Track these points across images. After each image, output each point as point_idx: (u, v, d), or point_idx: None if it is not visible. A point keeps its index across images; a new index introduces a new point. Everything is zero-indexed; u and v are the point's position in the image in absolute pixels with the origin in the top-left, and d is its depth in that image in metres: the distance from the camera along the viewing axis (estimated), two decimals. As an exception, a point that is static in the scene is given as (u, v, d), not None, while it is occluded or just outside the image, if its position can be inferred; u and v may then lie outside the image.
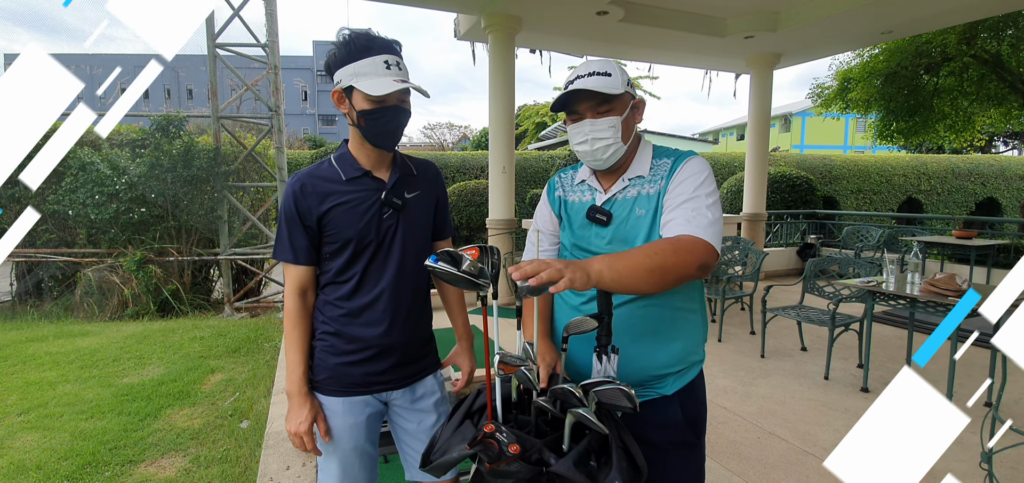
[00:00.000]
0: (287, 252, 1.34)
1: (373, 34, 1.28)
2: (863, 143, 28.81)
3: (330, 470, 1.39)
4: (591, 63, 1.25)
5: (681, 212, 1.17)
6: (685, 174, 1.22)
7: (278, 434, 2.91)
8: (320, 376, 1.39)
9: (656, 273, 1.06)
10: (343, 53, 1.26)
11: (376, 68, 1.24)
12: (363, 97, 1.26)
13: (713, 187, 1.21)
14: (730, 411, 3.24)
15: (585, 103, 1.24)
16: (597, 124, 1.23)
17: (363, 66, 1.24)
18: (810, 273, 4.33)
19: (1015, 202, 16.12)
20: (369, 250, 1.34)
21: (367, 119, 1.28)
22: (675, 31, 5.91)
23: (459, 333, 1.62)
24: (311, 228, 1.32)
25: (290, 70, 34.23)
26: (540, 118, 21.72)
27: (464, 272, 1.05)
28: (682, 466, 1.29)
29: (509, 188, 5.98)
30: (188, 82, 31.05)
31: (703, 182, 1.20)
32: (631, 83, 1.28)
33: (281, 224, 1.35)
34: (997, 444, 1.93)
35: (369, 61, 1.24)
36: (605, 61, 1.26)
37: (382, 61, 1.24)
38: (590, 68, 1.24)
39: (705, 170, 1.23)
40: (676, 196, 1.20)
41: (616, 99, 1.23)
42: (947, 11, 5.57)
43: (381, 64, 1.24)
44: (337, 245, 1.33)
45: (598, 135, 1.24)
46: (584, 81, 1.22)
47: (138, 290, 6.19)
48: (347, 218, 1.32)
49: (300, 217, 1.31)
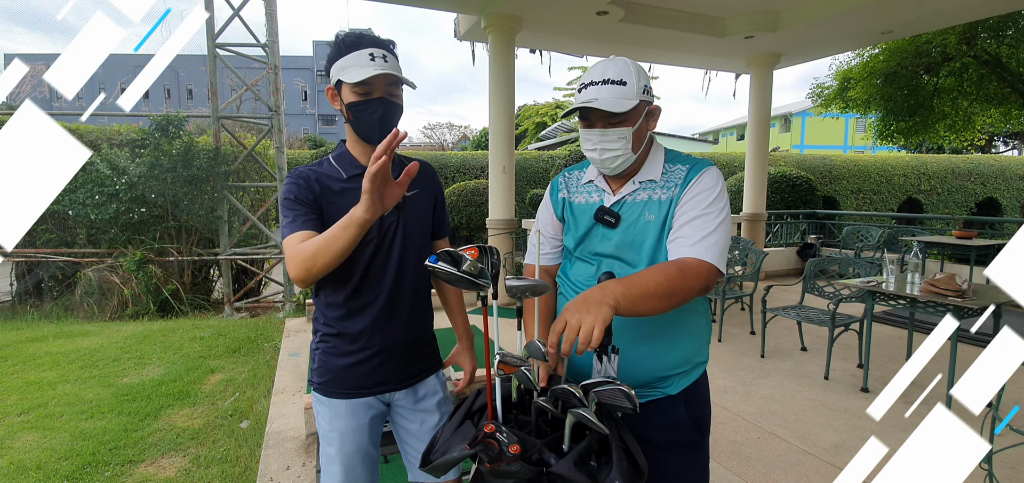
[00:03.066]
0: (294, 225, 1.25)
1: (365, 32, 1.29)
2: (863, 143, 28.80)
3: (333, 473, 1.38)
4: (607, 67, 1.21)
5: (690, 230, 1.17)
6: (699, 188, 1.21)
7: (278, 434, 2.91)
8: (323, 379, 1.38)
9: (665, 299, 1.07)
10: (334, 51, 1.28)
11: (360, 60, 1.25)
12: (349, 89, 1.27)
13: (725, 203, 1.21)
14: (730, 411, 3.24)
15: (596, 113, 1.22)
16: (607, 134, 1.22)
17: (349, 60, 1.26)
18: (810, 273, 4.33)
19: (1015, 202, 16.11)
20: (370, 249, 1.33)
21: (354, 111, 1.29)
22: (675, 31, 5.91)
23: (459, 332, 1.62)
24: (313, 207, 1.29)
25: (290, 70, 34.21)
26: (540, 118, 21.71)
27: (464, 272, 1.05)
28: (686, 466, 1.29)
29: (509, 188, 5.98)
30: (188, 82, 31.04)
31: (715, 199, 1.20)
32: (648, 89, 1.25)
33: (285, 208, 1.29)
34: (997, 444, 1.93)
35: (355, 55, 1.26)
36: (623, 66, 1.21)
37: (367, 54, 1.25)
38: (606, 74, 1.21)
39: (718, 184, 1.22)
40: (687, 210, 1.20)
41: (629, 111, 1.21)
42: (947, 11, 5.57)
43: (366, 56, 1.25)
44: None
45: (607, 145, 1.23)
46: (598, 90, 1.20)
47: (138, 290, 6.19)
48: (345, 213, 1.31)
49: (301, 197, 1.28)
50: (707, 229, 1.17)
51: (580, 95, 1.24)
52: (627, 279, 1.07)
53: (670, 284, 1.08)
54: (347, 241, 1.12)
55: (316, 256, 1.15)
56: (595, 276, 1.29)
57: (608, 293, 1.00)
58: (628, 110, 1.19)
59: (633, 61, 1.24)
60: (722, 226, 1.18)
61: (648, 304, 1.05)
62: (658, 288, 1.06)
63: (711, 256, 1.15)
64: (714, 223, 1.17)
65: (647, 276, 1.09)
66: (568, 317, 0.97)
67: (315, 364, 1.40)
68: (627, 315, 1.04)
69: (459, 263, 1.06)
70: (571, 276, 1.37)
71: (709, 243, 1.15)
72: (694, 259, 1.14)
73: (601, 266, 1.30)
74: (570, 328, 0.95)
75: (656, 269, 1.12)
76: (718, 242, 1.16)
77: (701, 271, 1.13)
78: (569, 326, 0.96)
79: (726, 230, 1.19)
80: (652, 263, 1.23)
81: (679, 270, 1.11)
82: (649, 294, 1.05)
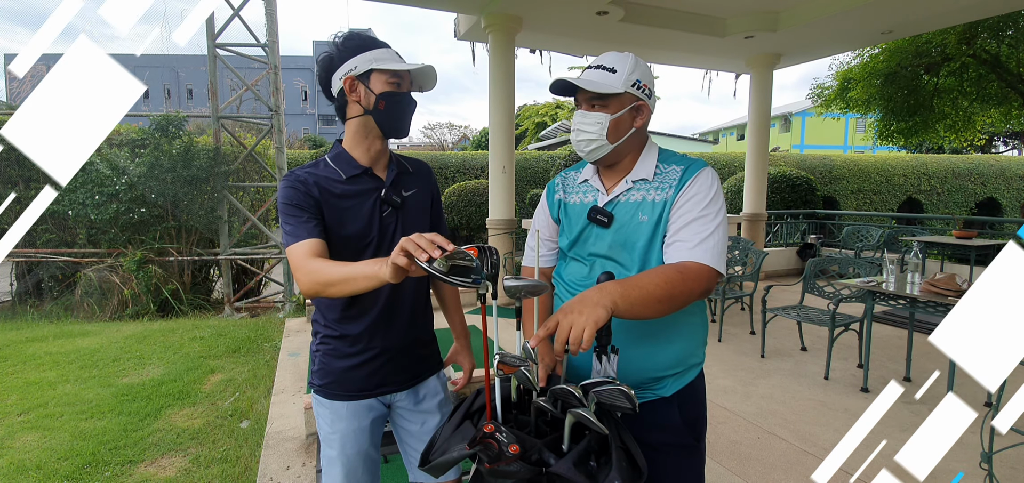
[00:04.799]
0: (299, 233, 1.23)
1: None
2: (863, 143, 28.80)
3: (334, 476, 1.38)
4: (606, 56, 1.26)
5: (688, 233, 1.17)
6: (694, 189, 1.20)
7: (278, 434, 2.91)
8: (324, 381, 1.37)
9: (664, 302, 1.08)
10: (357, 42, 1.30)
11: (392, 56, 1.32)
12: (384, 79, 1.30)
13: (721, 204, 1.21)
14: (730, 411, 3.24)
15: (582, 93, 1.26)
16: (586, 117, 1.25)
17: (381, 54, 1.30)
18: (810, 273, 4.33)
19: (1015, 202, 16.11)
20: (370, 249, 1.33)
21: (388, 101, 1.30)
22: (675, 31, 5.91)
23: (456, 331, 1.62)
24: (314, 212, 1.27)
25: (290, 70, 34.20)
26: (540, 118, 21.71)
27: (455, 265, 1.05)
28: (681, 469, 1.28)
29: (509, 188, 5.98)
30: (188, 82, 31.05)
31: (712, 200, 1.19)
32: (641, 86, 1.24)
33: (283, 217, 1.27)
34: (997, 444, 1.93)
35: (386, 50, 1.31)
36: (620, 57, 1.25)
37: (395, 52, 1.33)
38: (601, 61, 1.26)
39: (714, 185, 1.22)
40: (684, 213, 1.19)
41: (611, 97, 1.23)
42: (947, 11, 5.57)
43: (394, 54, 1.33)
44: (337, 243, 1.30)
45: (582, 127, 1.26)
46: (588, 73, 1.26)
47: (138, 290, 6.19)
48: (347, 216, 1.30)
49: (302, 203, 1.26)
50: (705, 232, 1.16)
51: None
52: (627, 281, 1.06)
53: (670, 287, 1.08)
54: (364, 288, 1.12)
55: (331, 284, 1.15)
56: (589, 276, 1.29)
57: (605, 294, 1.00)
58: (607, 93, 1.22)
59: (633, 56, 1.26)
60: (720, 228, 1.18)
61: (648, 307, 1.05)
62: (658, 291, 1.06)
63: (711, 259, 1.15)
64: (712, 225, 1.17)
65: (647, 278, 1.08)
66: (560, 317, 0.96)
67: (316, 366, 1.39)
68: (625, 318, 1.03)
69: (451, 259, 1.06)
70: (565, 277, 1.36)
71: (708, 246, 1.15)
72: (694, 263, 1.14)
73: (595, 266, 1.29)
74: (561, 328, 0.95)
75: (656, 272, 1.12)
76: (717, 244, 1.16)
77: (701, 274, 1.13)
78: (560, 326, 0.95)
79: (724, 231, 1.19)
80: (644, 264, 1.22)
81: (679, 274, 1.11)
82: (649, 297, 1.05)
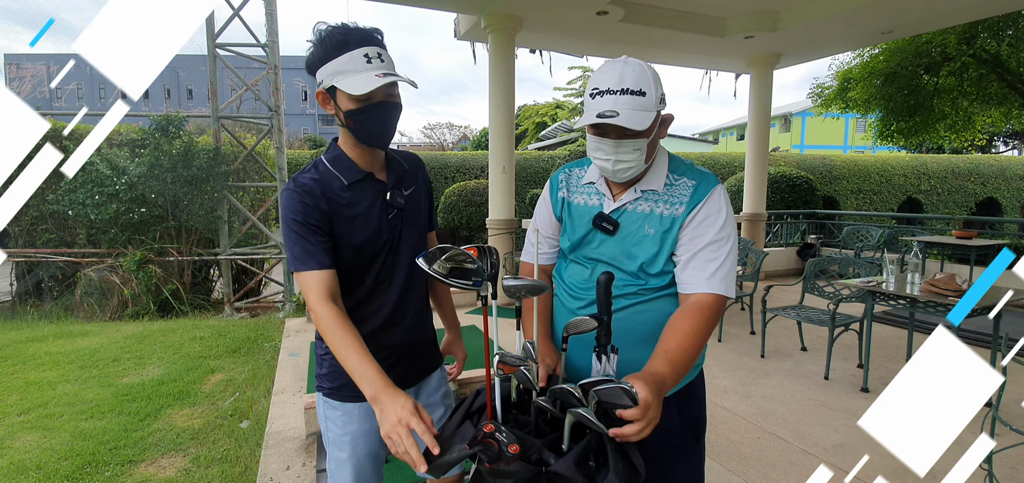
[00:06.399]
0: (309, 261, 1.19)
1: (350, 26, 1.18)
2: (863, 143, 28.81)
3: (343, 478, 1.36)
4: (624, 73, 1.11)
5: (702, 260, 1.18)
6: (707, 211, 1.20)
7: (278, 434, 2.91)
8: (335, 383, 1.35)
9: (699, 349, 1.13)
10: (320, 51, 1.17)
11: (356, 64, 1.15)
12: (347, 97, 1.17)
13: (732, 226, 1.22)
14: (730, 411, 3.23)
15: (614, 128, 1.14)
16: (622, 146, 1.15)
17: (343, 63, 1.15)
18: (810, 273, 4.33)
19: (1015, 202, 16.12)
20: (381, 255, 1.31)
21: (355, 119, 1.20)
22: (675, 31, 5.90)
23: (448, 323, 1.64)
24: (324, 229, 1.22)
25: (290, 70, 34.06)
26: (540, 118, 21.71)
27: (455, 268, 1.05)
28: (680, 468, 1.29)
29: (509, 188, 5.98)
30: (188, 82, 31.07)
31: (725, 222, 1.20)
32: (663, 97, 1.19)
33: (291, 234, 1.21)
34: (997, 444, 1.92)
35: (348, 57, 1.15)
36: (641, 73, 1.12)
37: (362, 55, 1.15)
38: (623, 81, 1.11)
39: (726, 206, 1.22)
40: (697, 238, 1.19)
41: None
42: (947, 11, 5.57)
43: (361, 59, 1.15)
44: (348, 253, 1.27)
45: (622, 157, 1.17)
46: (616, 101, 1.10)
47: (138, 290, 6.19)
48: (356, 225, 1.27)
49: (312, 219, 1.21)
50: (719, 259, 1.18)
51: (594, 102, 1.14)
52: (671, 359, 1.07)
53: (702, 338, 1.13)
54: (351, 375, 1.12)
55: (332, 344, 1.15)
56: (590, 279, 1.28)
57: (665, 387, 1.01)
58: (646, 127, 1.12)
59: (648, 65, 1.16)
60: (732, 251, 1.20)
61: (688, 364, 1.10)
62: (694, 348, 1.11)
63: (725, 288, 1.18)
64: (725, 251, 1.19)
65: (687, 342, 1.10)
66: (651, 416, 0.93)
67: (325, 370, 1.37)
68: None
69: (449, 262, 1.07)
70: (566, 278, 1.36)
71: (722, 275, 1.17)
72: (710, 296, 1.16)
73: (595, 270, 1.28)
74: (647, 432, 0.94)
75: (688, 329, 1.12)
76: (730, 271, 1.19)
77: (717, 307, 1.17)
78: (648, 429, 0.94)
79: (735, 253, 1.21)
80: (643, 272, 1.23)
81: (704, 319, 1.14)
82: (688, 355, 1.09)
